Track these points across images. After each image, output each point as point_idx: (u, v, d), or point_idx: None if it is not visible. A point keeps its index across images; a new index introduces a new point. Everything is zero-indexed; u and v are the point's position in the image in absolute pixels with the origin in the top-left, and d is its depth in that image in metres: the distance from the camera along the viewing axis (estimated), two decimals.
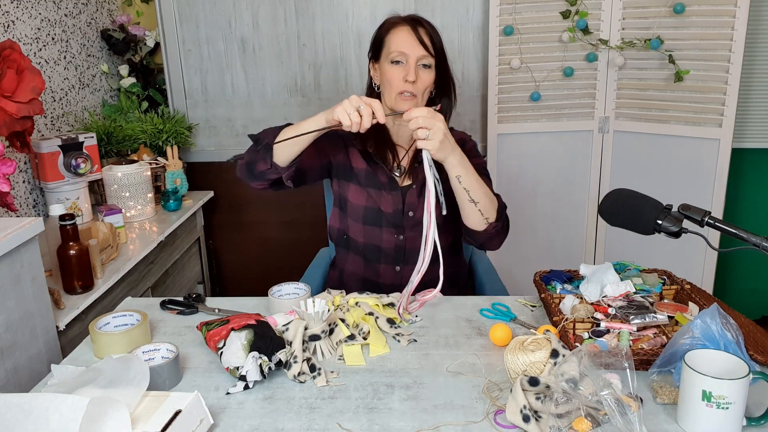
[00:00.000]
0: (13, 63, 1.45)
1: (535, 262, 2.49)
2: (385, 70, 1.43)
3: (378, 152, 1.51)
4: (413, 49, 1.40)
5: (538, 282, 1.32)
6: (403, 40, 1.41)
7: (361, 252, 1.55)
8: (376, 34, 1.48)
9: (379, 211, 1.50)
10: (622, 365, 0.91)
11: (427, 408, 0.97)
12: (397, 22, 1.45)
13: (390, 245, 1.52)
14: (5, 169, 1.36)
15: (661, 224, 1.02)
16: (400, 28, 1.43)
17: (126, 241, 1.98)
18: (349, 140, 1.53)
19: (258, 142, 1.35)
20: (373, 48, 1.50)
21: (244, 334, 1.05)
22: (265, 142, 1.33)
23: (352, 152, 1.53)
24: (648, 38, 2.25)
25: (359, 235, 1.54)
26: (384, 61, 1.44)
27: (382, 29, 1.47)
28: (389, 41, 1.43)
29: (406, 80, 1.39)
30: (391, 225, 1.50)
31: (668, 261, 1.85)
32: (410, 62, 1.40)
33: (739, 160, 2.61)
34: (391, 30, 1.44)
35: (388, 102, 1.45)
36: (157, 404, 0.89)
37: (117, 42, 2.54)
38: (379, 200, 1.50)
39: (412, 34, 1.41)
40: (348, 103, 1.22)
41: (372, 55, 1.51)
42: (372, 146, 1.51)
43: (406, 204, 1.50)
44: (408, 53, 1.40)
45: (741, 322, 1.04)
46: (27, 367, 1.32)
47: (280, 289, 1.33)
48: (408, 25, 1.43)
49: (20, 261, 1.31)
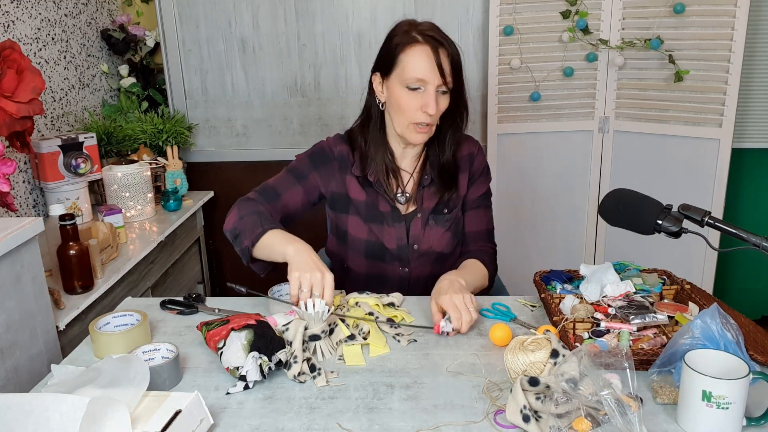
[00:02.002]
0: (13, 63, 1.45)
1: (535, 262, 2.49)
2: (398, 95, 1.29)
3: (380, 179, 1.39)
4: (433, 76, 1.25)
5: (538, 282, 1.32)
6: (422, 64, 1.25)
7: (362, 281, 1.47)
8: (389, 49, 1.30)
9: (382, 246, 1.41)
10: (622, 365, 0.91)
11: (427, 408, 0.97)
12: (415, 40, 1.27)
13: (394, 276, 1.45)
14: (5, 169, 1.36)
15: (661, 224, 1.02)
16: (419, 49, 1.26)
17: (126, 241, 1.98)
18: (345, 166, 1.41)
19: (237, 239, 1.28)
20: (383, 62, 1.32)
21: (244, 334, 1.05)
22: (243, 245, 1.26)
23: (349, 181, 1.41)
24: (648, 38, 2.25)
25: (361, 267, 1.46)
26: (397, 83, 1.29)
27: (397, 44, 1.29)
28: (405, 62, 1.27)
29: (423, 111, 1.27)
30: (395, 259, 1.43)
31: (668, 261, 1.84)
32: (429, 90, 1.26)
33: (739, 160, 2.61)
34: (408, 49, 1.27)
35: (398, 128, 1.34)
36: (157, 404, 0.89)
37: (117, 42, 2.54)
38: (382, 235, 1.40)
39: (432, 57, 1.25)
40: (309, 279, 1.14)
41: (380, 70, 1.34)
42: (373, 173, 1.39)
43: (410, 237, 1.41)
44: (428, 80, 1.26)
45: (741, 322, 1.04)
46: (27, 367, 1.32)
47: (280, 289, 1.32)
48: (428, 45, 1.26)
49: (20, 261, 1.31)
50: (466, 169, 1.45)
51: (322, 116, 2.65)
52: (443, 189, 1.42)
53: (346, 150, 1.43)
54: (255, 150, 2.71)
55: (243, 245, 1.27)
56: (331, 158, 1.42)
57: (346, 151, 1.43)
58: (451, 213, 1.43)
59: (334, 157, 1.42)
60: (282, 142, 2.70)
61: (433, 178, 1.42)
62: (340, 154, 1.42)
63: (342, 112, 2.63)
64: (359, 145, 1.42)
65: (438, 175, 1.42)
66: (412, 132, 1.32)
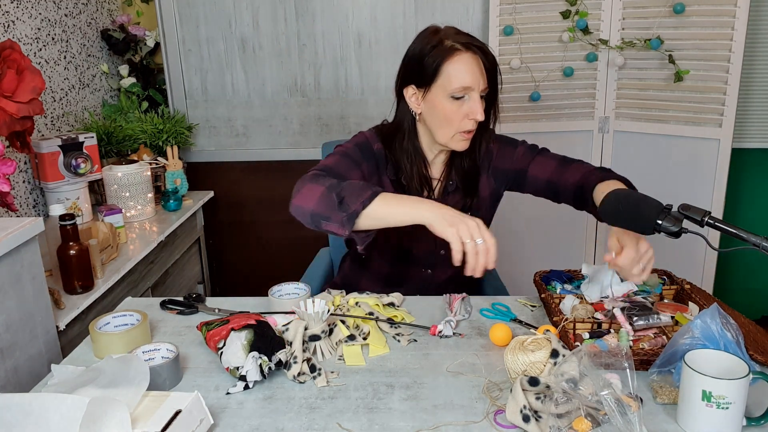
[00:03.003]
0: (13, 63, 1.45)
1: (535, 262, 2.49)
2: (443, 106, 1.27)
3: (411, 186, 1.37)
4: (479, 82, 1.25)
5: (538, 282, 1.32)
6: (468, 71, 1.25)
7: (382, 280, 1.46)
8: (427, 60, 1.27)
9: (409, 249, 1.42)
10: (622, 365, 0.91)
11: (427, 408, 0.97)
12: (456, 49, 1.25)
13: (417, 277, 1.46)
14: (5, 169, 1.36)
15: (661, 224, 1.02)
16: (463, 57, 1.25)
17: (126, 241, 1.98)
18: (383, 166, 1.39)
19: (342, 203, 1.14)
20: (420, 74, 1.29)
21: (244, 334, 1.05)
22: (351, 210, 1.13)
23: (384, 181, 1.39)
24: (648, 38, 2.25)
25: (383, 267, 1.47)
26: (440, 93, 1.27)
27: (436, 55, 1.26)
28: (449, 72, 1.25)
29: (471, 118, 1.27)
30: (420, 262, 1.44)
31: (668, 261, 1.84)
32: (474, 97, 1.26)
33: (739, 160, 2.61)
34: (451, 58, 1.25)
35: (443, 139, 1.31)
36: (157, 404, 0.89)
37: (117, 42, 2.54)
38: (411, 239, 1.40)
39: (477, 64, 1.25)
40: (467, 229, 1.08)
41: (415, 82, 1.31)
42: (406, 179, 1.37)
43: (438, 243, 1.38)
44: (474, 87, 1.25)
45: (741, 322, 1.05)
46: (27, 367, 1.32)
47: (280, 289, 1.33)
48: (470, 52, 1.25)
49: (20, 261, 1.31)
50: (485, 169, 1.44)
51: (322, 116, 2.65)
52: (466, 196, 1.42)
53: (383, 150, 1.40)
54: (255, 150, 2.71)
55: (350, 210, 1.12)
56: (373, 154, 1.39)
57: (383, 151, 1.40)
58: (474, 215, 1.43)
59: (374, 154, 1.39)
60: (282, 142, 2.70)
61: (457, 184, 1.42)
62: (379, 152, 1.39)
63: (342, 112, 2.63)
64: (394, 150, 1.39)
65: (461, 181, 1.42)
66: (458, 141, 1.31)
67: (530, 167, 1.41)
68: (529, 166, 1.41)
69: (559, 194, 1.38)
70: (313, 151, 2.63)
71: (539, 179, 1.40)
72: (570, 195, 1.36)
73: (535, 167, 1.40)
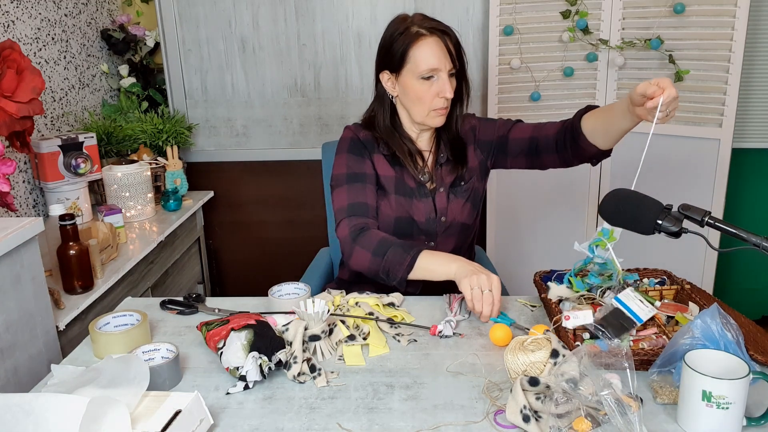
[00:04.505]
0: (13, 63, 1.45)
1: (535, 262, 2.49)
2: (413, 87, 1.39)
3: (406, 159, 1.47)
4: (445, 63, 1.36)
5: (538, 282, 1.32)
6: (433, 55, 1.35)
7: None
8: (395, 46, 1.39)
9: (411, 220, 1.47)
10: (622, 365, 0.91)
11: (427, 408, 0.97)
12: (421, 34, 1.36)
13: None
14: (5, 169, 1.36)
15: (661, 224, 1.02)
16: (428, 41, 1.36)
17: (126, 241, 1.98)
18: (372, 147, 1.49)
19: (389, 276, 1.32)
20: (391, 61, 1.41)
21: (244, 334, 1.05)
22: (399, 278, 1.30)
23: (377, 159, 1.48)
24: (648, 38, 2.24)
25: None
26: (410, 76, 1.38)
27: (403, 40, 1.38)
28: (416, 55, 1.36)
29: (441, 96, 1.38)
30: (422, 233, 1.49)
31: (668, 261, 1.84)
32: (443, 77, 1.37)
33: (739, 160, 2.61)
34: (417, 43, 1.36)
35: (418, 117, 1.43)
36: (157, 404, 0.89)
37: (117, 42, 2.54)
38: (411, 209, 1.47)
39: (440, 46, 1.36)
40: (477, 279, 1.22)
41: (388, 68, 1.43)
42: (400, 152, 1.47)
43: (438, 210, 1.48)
44: (440, 68, 1.36)
45: (741, 322, 1.04)
46: (27, 367, 1.32)
47: (280, 289, 1.33)
48: (434, 36, 1.36)
49: (20, 261, 1.31)
50: (471, 142, 1.54)
51: (322, 116, 2.65)
52: (457, 165, 1.51)
53: (370, 135, 1.50)
54: (255, 150, 2.71)
55: (398, 278, 1.31)
56: (362, 143, 1.49)
57: (370, 136, 1.50)
58: (467, 183, 1.51)
59: (363, 143, 1.49)
60: (282, 142, 2.70)
61: (447, 156, 1.50)
62: (366, 139, 1.50)
63: (342, 112, 2.63)
64: (380, 131, 1.49)
65: (451, 153, 1.51)
66: (432, 117, 1.42)
67: (511, 132, 1.51)
68: (509, 132, 1.51)
69: (541, 150, 1.46)
70: (313, 151, 2.63)
71: (521, 139, 1.49)
72: (552, 144, 1.45)
73: (515, 131, 1.51)
